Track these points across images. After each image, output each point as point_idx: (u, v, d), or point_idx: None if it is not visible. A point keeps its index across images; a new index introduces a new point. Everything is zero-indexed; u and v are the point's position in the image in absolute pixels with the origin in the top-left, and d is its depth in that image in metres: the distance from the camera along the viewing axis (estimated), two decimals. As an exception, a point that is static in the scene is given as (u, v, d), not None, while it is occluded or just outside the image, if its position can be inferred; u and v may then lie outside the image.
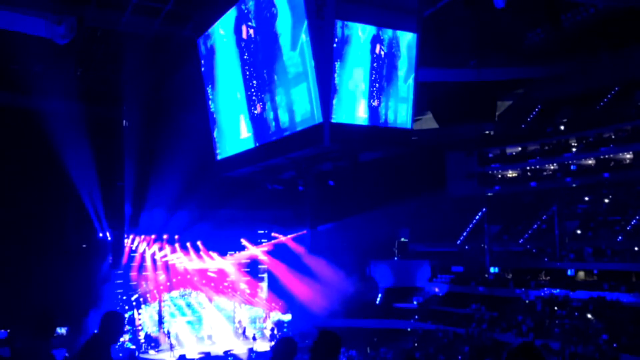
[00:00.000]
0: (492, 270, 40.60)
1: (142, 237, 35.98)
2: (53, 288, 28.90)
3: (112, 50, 27.67)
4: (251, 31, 18.88)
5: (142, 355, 32.57)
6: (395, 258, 45.39)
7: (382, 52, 17.34)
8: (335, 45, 16.17)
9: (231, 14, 19.87)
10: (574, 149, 41.57)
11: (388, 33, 17.36)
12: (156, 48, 26.91)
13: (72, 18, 19.38)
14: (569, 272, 36.61)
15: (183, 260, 37.22)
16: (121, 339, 32.54)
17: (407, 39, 17.78)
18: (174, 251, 36.99)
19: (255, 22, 18.58)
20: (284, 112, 18.07)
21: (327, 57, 15.96)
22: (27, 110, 29.77)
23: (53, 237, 32.54)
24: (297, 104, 17.23)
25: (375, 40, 17.13)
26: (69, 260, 32.55)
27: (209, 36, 22.11)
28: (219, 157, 23.78)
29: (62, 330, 30.01)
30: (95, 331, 5.32)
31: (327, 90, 16.02)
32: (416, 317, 39.36)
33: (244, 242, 39.52)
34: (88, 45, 26.94)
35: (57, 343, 25.73)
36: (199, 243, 37.57)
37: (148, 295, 35.82)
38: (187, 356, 32.10)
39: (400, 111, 18.18)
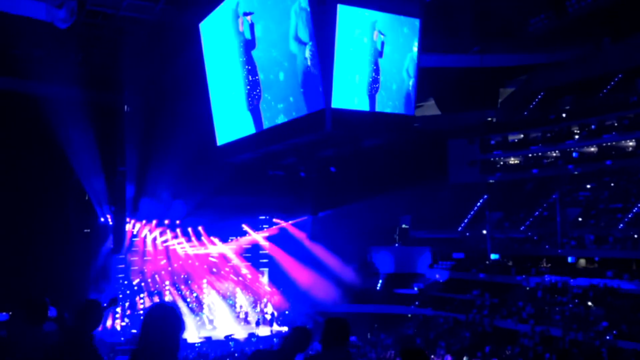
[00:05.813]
0: (492, 257, 40.59)
1: (144, 222, 36.07)
2: (54, 272, 28.98)
3: (113, 35, 27.50)
4: (249, 18, 18.74)
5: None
6: (396, 244, 45.41)
7: (382, 38, 17.21)
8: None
9: (231, 1, 19.72)
10: (576, 136, 41.36)
11: (388, 18, 17.22)
12: (158, 33, 26.73)
13: (72, 2, 19.22)
14: (569, 259, 36.61)
15: (184, 246, 37.33)
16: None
17: (409, 24, 17.64)
18: (175, 236, 37.08)
19: (253, 8, 18.45)
20: (285, 97, 17.99)
21: (329, 42, 15.86)
22: (28, 95, 29.64)
23: (54, 222, 32.53)
24: (299, 90, 17.14)
25: (373, 26, 16.99)
26: (70, 244, 32.60)
27: (211, 22, 21.97)
28: (219, 143, 23.74)
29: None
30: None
31: (328, 76, 15.94)
32: (417, 303, 39.44)
33: (245, 227, 39.58)
34: (89, 30, 26.77)
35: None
36: (200, 228, 37.66)
37: (149, 280, 35.97)
38: (189, 340, 32.26)
39: (402, 97, 18.09)
